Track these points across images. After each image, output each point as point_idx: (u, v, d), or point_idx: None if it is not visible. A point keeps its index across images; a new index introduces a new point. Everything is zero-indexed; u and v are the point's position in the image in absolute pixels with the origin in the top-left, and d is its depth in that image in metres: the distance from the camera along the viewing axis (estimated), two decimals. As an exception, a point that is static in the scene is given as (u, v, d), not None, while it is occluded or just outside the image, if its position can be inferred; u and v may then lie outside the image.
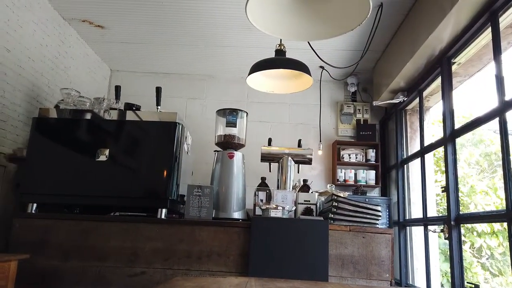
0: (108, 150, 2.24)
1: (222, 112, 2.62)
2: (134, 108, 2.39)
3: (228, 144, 2.54)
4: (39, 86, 3.01)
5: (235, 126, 2.58)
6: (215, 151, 2.59)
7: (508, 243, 1.91)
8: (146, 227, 2.09)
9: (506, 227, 1.94)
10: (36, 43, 2.95)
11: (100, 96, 2.69)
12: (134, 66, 4.25)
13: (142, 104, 2.49)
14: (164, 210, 2.20)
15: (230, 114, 2.59)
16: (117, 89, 2.52)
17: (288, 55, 2.39)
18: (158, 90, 2.49)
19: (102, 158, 2.23)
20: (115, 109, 2.37)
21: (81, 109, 2.36)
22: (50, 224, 2.10)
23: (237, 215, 2.40)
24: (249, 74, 2.41)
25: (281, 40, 2.38)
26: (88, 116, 2.32)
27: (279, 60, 2.36)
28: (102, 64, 4.15)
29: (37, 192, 2.22)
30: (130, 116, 2.32)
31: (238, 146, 2.59)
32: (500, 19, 2.11)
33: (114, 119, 2.31)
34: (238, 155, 2.51)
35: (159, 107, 2.45)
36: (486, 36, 2.33)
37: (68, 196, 2.22)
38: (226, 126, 2.58)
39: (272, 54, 2.41)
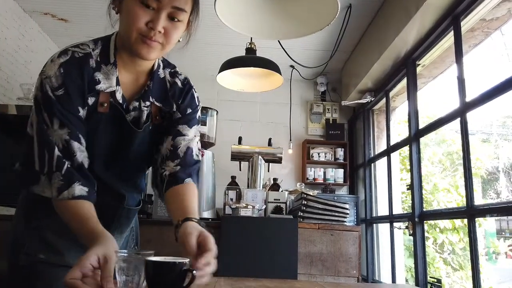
0: (71, 148, 2.15)
1: (191, 110, 2.59)
2: (99, 105, 2.31)
3: (197, 143, 2.52)
4: (-3, 81, 2.86)
5: (205, 125, 2.55)
6: (184, 149, 2.55)
7: (468, 238, 1.99)
8: (112, 228, 2.03)
9: (466, 223, 2.02)
10: (-6, 35, 2.80)
11: (64, 92, 2.58)
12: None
13: (109, 101, 2.42)
14: (131, 210, 2.15)
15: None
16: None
17: (258, 54, 2.39)
18: (125, 87, 2.42)
19: (66, 156, 2.14)
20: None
21: (43, 106, 2.26)
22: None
23: (206, 214, 2.38)
24: (219, 72, 2.39)
25: (251, 38, 2.37)
26: (51, 113, 2.22)
27: (250, 59, 2.35)
28: (66, 59, 3.99)
29: (-5, 192, 2.11)
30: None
31: (208, 145, 2.56)
32: (462, 23, 2.19)
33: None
34: (207, 154, 2.49)
35: (126, 104, 2.38)
36: (448, 39, 2.42)
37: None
38: (195, 125, 2.55)
39: (242, 53, 2.40)
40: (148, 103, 1.08)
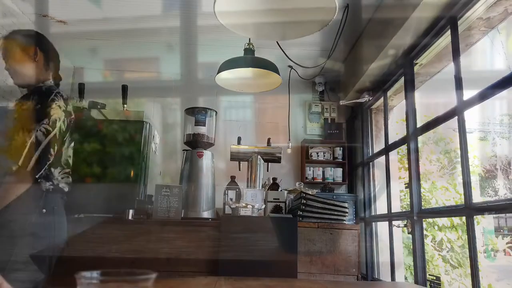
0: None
1: (191, 111, 2.59)
2: (98, 107, 2.32)
3: (197, 143, 2.52)
4: (-4, 83, 2.86)
5: (204, 125, 2.55)
6: (183, 150, 2.56)
7: (466, 236, 2.01)
8: (112, 228, 2.04)
9: (465, 221, 2.04)
10: (-8, 37, 2.80)
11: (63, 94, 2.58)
12: (98, 63, 4.12)
13: (108, 103, 2.43)
14: (131, 211, 2.15)
15: (199, 113, 2.57)
16: (81, 87, 2.44)
17: (257, 55, 2.39)
18: (124, 88, 2.43)
19: (65, 158, 2.15)
20: (79, 107, 2.29)
21: (42, 108, 2.28)
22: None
23: (206, 214, 2.38)
24: (218, 73, 2.39)
25: (249, 39, 2.38)
26: (50, 114, 2.23)
27: (248, 59, 2.36)
28: (64, 61, 3.98)
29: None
30: (94, 114, 2.26)
31: (207, 145, 2.57)
32: (459, 22, 2.21)
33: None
34: (207, 154, 2.49)
35: (125, 105, 2.39)
36: (446, 38, 2.43)
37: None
38: (195, 125, 2.56)
39: (241, 53, 2.41)
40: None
